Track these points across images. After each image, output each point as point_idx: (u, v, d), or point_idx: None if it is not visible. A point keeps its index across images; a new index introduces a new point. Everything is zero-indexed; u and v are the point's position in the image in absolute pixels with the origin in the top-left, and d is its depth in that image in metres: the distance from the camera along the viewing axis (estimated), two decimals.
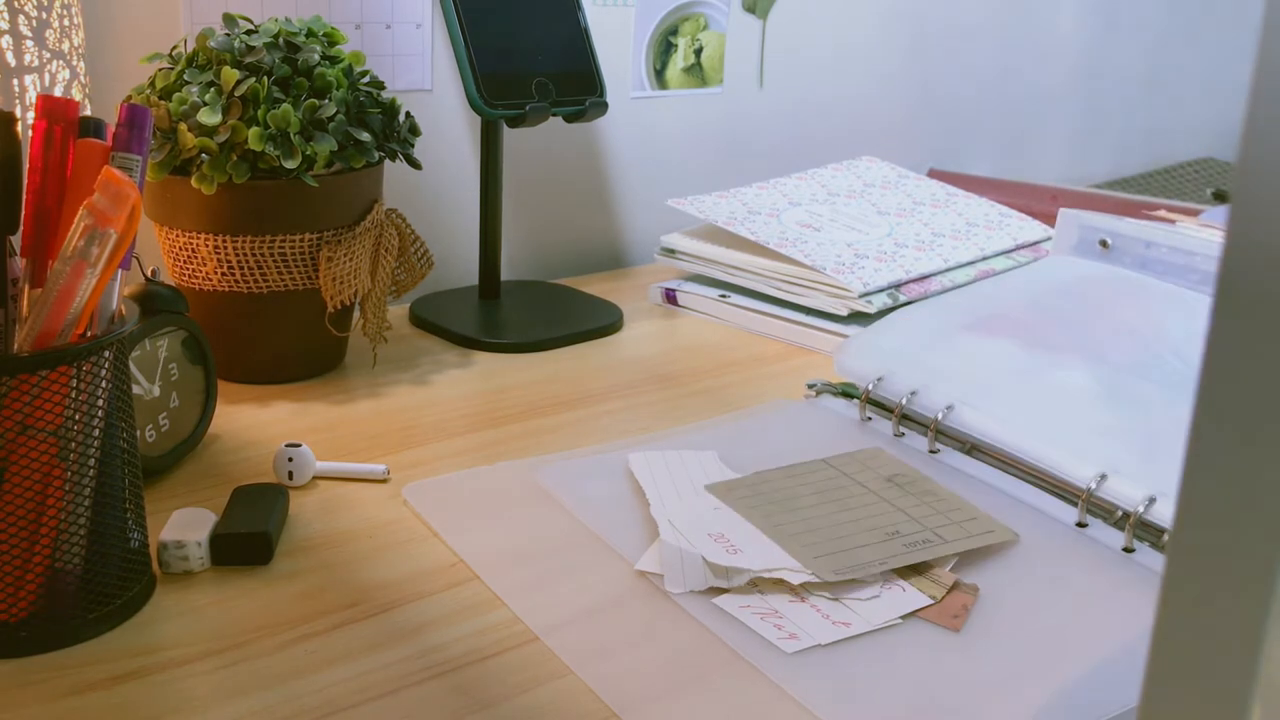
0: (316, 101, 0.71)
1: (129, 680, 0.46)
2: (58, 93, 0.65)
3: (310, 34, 0.75)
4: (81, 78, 0.67)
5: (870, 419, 0.72)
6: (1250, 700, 0.24)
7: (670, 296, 0.98)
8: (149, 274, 0.63)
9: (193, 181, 0.70)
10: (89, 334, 0.48)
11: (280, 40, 0.73)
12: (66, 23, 0.66)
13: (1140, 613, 0.51)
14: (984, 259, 0.98)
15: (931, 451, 0.68)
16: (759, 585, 0.52)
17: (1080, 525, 0.60)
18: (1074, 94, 1.56)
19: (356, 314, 0.80)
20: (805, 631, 0.49)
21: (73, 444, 0.47)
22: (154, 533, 0.55)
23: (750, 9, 1.18)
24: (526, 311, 0.92)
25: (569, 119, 0.91)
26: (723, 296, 0.94)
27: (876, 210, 1.04)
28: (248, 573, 0.54)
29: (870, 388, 0.72)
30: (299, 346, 0.77)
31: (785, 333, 0.90)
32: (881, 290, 0.89)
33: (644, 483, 0.61)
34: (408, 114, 0.79)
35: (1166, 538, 0.56)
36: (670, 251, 1.00)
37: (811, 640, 0.49)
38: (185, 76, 0.71)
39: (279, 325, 0.75)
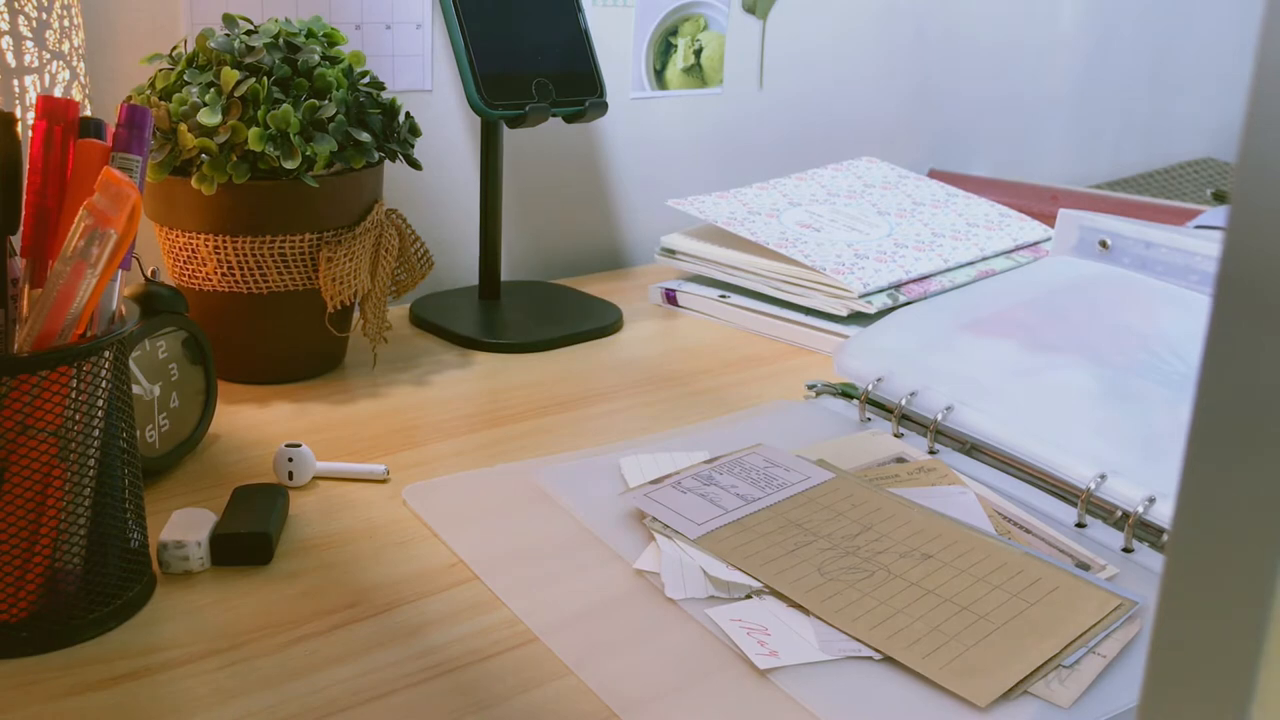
0: (316, 102, 0.71)
1: (129, 680, 0.46)
2: (58, 93, 0.65)
3: (310, 34, 0.75)
4: (81, 78, 0.67)
5: (870, 419, 0.72)
6: (1250, 701, 0.24)
7: (670, 297, 0.98)
8: (149, 274, 0.63)
9: (193, 182, 0.70)
10: (89, 334, 0.48)
11: (280, 41, 0.73)
12: (66, 23, 0.66)
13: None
14: (984, 259, 0.98)
15: (931, 452, 0.68)
16: (761, 592, 0.52)
17: (1080, 525, 0.60)
18: (1074, 94, 1.56)
19: (356, 314, 0.80)
20: (786, 651, 0.48)
21: (73, 444, 0.47)
22: (154, 533, 0.55)
23: (750, 9, 1.18)
24: (526, 311, 0.92)
25: (569, 119, 0.91)
26: (723, 297, 0.94)
27: (876, 210, 1.04)
28: (248, 573, 0.54)
29: (870, 388, 0.72)
30: (299, 346, 0.77)
31: (785, 333, 0.90)
32: (881, 290, 0.89)
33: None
34: (408, 114, 0.79)
35: (1166, 538, 0.56)
36: (670, 252, 1.00)
37: (791, 660, 0.47)
38: (185, 77, 0.71)
39: (279, 325, 0.75)
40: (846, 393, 0.75)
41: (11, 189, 0.48)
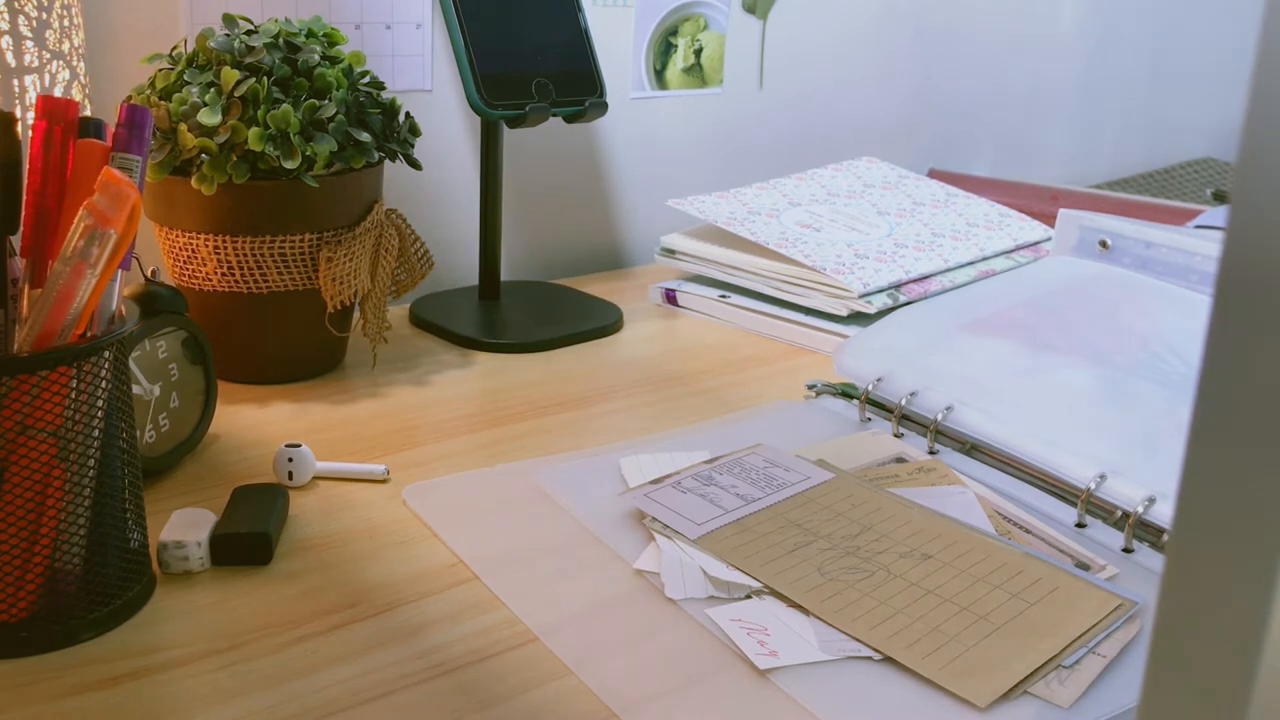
0: (316, 102, 0.71)
1: (129, 680, 0.46)
2: (58, 93, 0.65)
3: (310, 34, 0.75)
4: (81, 78, 0.67)
5: (870, 419, 0.72)
6: (1250, 700, 0.24)
7: (670, 297, 0.98)
8: (149, 274, 0.63)
9: (193, 182, 0.70)
10: (89, 334, 0.48)
11: (280, 40, 0.73)
12: (66, 23, 0.66)
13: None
14: (984, 259, 0.98)
15: (931, 452, 0.68)
16: (761, 592, 0.52)
17: (1080, 525, 0.60)
18: (1074, 94, 1.56)
19: (356, 314, 0.80)
20: (786, 651, 0.48)
21: (73, 444, 0.47)
22: (154, 533, 0.55)
23: (750, 9, 1.18)
24: (526, 311, 0.92)
25: (569, 119, 0.91)
26: (723, 297, 0.94)
27: (876, 210, 1.04)
28: (248, 573, 0.54)
29: (870, 388, 0.72)
30: (299, 346, 0.77)
31: (785, 333, 0.90)
32: (881, 290, 0.89)
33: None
34: (408, 114, 0.79)
35: (1166, 538, 0.56)
36: (670, 252, 1.00)
37: (791, 660, 0.47)
38: (185, 77, 0.71)
39: (279, 325, 0.75)
40: (846, 393, 0.75)
41: (11, 189, 0.48)
